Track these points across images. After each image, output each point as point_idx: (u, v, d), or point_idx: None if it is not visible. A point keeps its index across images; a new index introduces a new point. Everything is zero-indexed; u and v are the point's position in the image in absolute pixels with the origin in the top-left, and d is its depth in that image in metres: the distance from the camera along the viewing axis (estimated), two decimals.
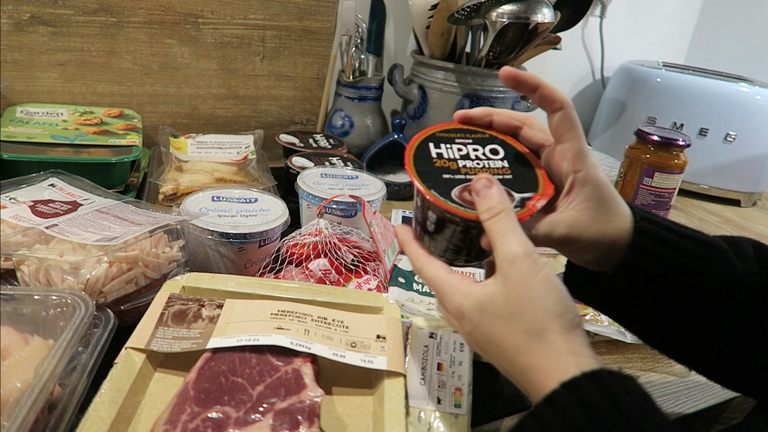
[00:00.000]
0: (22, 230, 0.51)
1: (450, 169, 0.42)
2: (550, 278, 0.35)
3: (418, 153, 0.44)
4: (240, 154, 0.82)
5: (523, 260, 0.34)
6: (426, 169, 0.42)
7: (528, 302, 0.34)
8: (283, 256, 0.62)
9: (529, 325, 0.33)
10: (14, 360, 0.38)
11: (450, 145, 0.44)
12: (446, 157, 0.43)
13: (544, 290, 0.34)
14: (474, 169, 0.42)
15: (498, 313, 0.35)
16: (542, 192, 0.41)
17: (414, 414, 0.43)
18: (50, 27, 0.81)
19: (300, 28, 0.97)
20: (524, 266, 0.34)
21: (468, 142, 0.45)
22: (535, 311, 0.33)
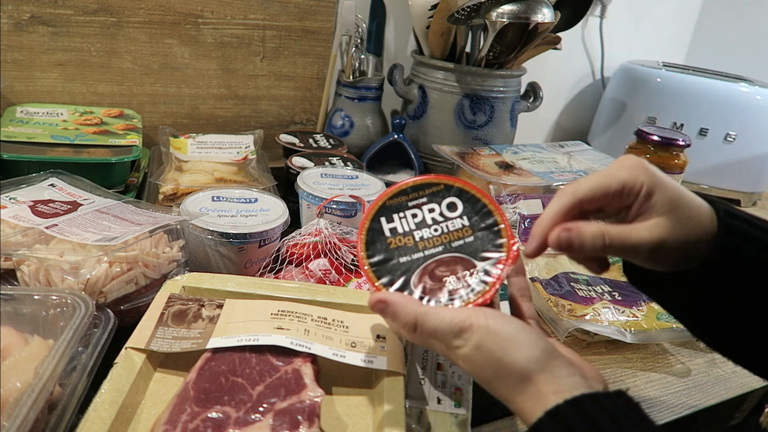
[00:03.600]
0: (22, 230, 0.51)
1: (407, 247, 0.40)
2: (501, 330, 0.35)
3: (371, 235, 0.41)
4: (240, 154, 0.82)
5: (470, 333, 0.36)
6: (383, 256, 0.40)
7: (497, 363, 0.35)
8: (283, 256, 0.62)
9: (507, 382, 0.35)
10: (14, 360, 0.38)
11: (404, 212, 0.41)
12: (401, 233, 0.41)
13: (503, 345, 0.35)
14: (432, 239, 0.40)
15: (478, 378, 0.37)
16: (507, 254, 0.39)
17: (414, 414, 0.43)
18: (50, 27, 0.82)
19: (300, 28, 0.97)
20: (474, 337, 0.35)
21: (422, 202, 0.42)
22: (507, 368, 0.35)
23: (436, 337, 0.37)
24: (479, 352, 0.35)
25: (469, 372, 0.37)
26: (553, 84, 1.38)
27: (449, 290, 0.39)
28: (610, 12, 1.37)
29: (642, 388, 0.58)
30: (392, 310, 0.38)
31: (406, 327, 0.37)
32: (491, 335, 0.35)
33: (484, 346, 0.35)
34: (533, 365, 0.34)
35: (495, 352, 0.35)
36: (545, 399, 0.33)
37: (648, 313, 0.64)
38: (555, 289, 0.66)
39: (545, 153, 1.01)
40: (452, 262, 0.40)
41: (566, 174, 0.90)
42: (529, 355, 0.34)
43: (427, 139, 1.01)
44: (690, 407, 0.57)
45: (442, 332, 0.36)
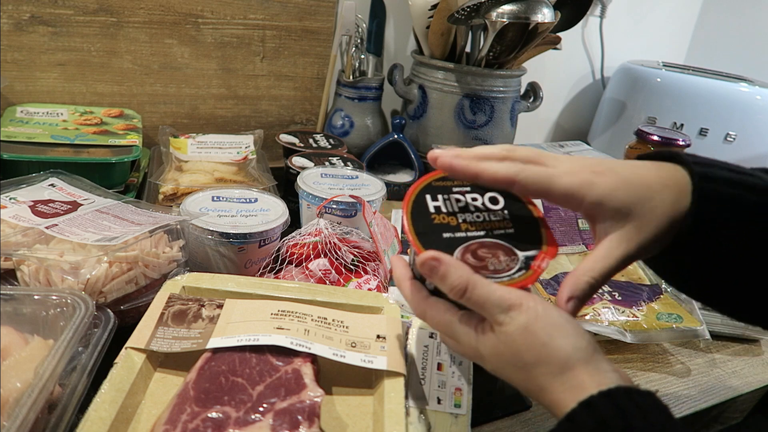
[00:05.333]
0: (22, 230, 0.51)
1: (450, 225, 0.40)
2: (549, 316, 0.35)
3: (416, 208, 0.41)
4: (240, 154, 0.82)
5: (518, 312, 0.35)
6: (425, 229, 0.40)
7: (541, 347, 0.34)
8: (283, 256, 0.62)
9: (548, 369, 0.34)
10: (14, 360, 0.38)
11: (447, 195, 0.42)
12: (444, 212, 0.41)
13: (550, 331, 0.35)
14: (475, 224, 0.40)
15: (512, 363, 0.36)
16: (546, 250, 0.40)
17: (414, 414, 0.43)
18: (50, 27, 0.81)
19: (300, 28, 0.97)
20: (521, 318, 0.35)
21: (466, 191, 0.42)
22: (551, 354, 0.34)
23: (483, 307, 0.36)
24: (524, 333, 0.35)
25: (498, 355, 0.36)
26: (553, 84, 1.38)
27: (491, 269, 0.38)
28: (610, 12, 1.37)
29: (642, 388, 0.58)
30: (444, 270, 0.36)
31: (455, 290, 0.36)
32: (540, 319, 0.35)
33: (530, 328, 0.35)
34: (578, 355, 0.34)
35: (541, 336, 0.34)
36: (585, 391, 0.33)
37: (648, 313, 0.64)
38: (555, 289, 0.66)
39: None
40: (494, 247, 0.40)
41: None
42: (575, 345, 0.34)
43: (427, 139, 1.01)
44: (690, 407, 0.57)
45: (491, 304, 0.36)
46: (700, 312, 0.64)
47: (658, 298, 0.66)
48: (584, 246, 0.75)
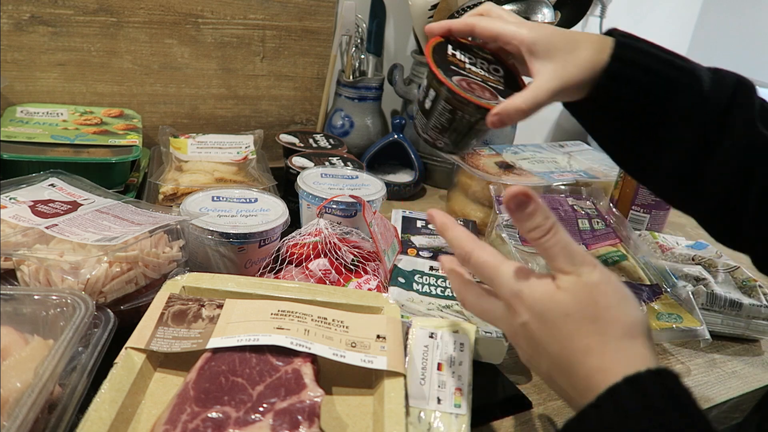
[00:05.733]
0: (22, 230, 0.51)
1: (458, 66, 0.52)
2: (622, 286, 0.36)
3: (437, 47, 0.53)
4: (240, 154, 0.82)
5: (592, 268, 0.35)
6: (440, 58, 0.52)
7: (607, 308, 0.34)
8: (283, 256, 0.62)
9: (606, 329, 0.34)
10: (14, 360, 0.38)
11: (463, 50, 0.55)
12: (458, 58, 0.54)
13: (620, 297, 0.35)
14: (476, 73, 0.53)
15: (566, 312, 0.35)
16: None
17: (414, 414, 0.43)
18: (50, 27, 0.81)
19: (300, 28, 0.97)
20: (595, 275, 0.35)
21: (480, 54, 0.56)
22: (617, 316, 0.34)
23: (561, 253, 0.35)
24: (593, 289, 0.34)
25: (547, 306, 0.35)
26: None
27: (476, 93, 0.50)
28: (610, 12, 1.37)
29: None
30: (533, 208, 0.35)
31: (539, 229, 0.35)
32: (612, 284, 0.35)
33: (601, 287, 0.35)
34: (643, 328, 0.34)
35: (610, 298, 0.34)
36: (644, 361, 0.33)
37: (648, 313, 0.64)
38: None
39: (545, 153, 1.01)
40: (484, 89, 0.52)
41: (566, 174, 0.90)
42: (642, 318, 0.35)
43: None
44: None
45: (569, 251, 0.35)
46: (700, 312, 0.64)
47: (658, 298, 0.66)
48: (584, 246, 0.75)
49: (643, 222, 0.89)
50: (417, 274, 0.63)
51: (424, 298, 0.60)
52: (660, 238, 0.82)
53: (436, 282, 0.63)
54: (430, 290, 0.61)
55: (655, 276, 0.71)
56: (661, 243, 0.81)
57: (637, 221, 0.89)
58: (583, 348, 0.34)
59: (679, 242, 0.82)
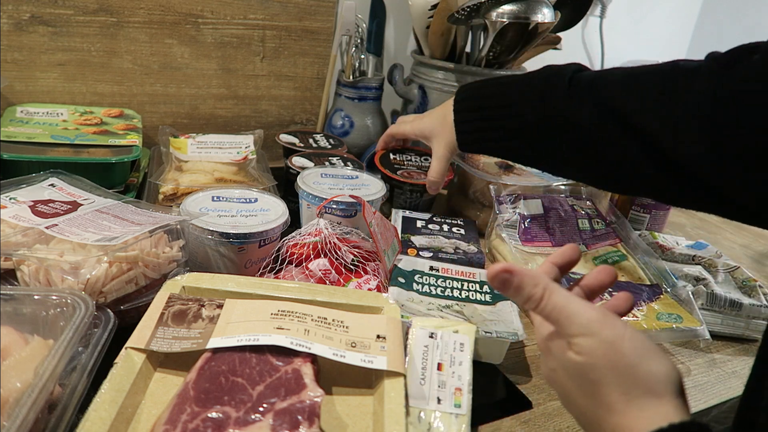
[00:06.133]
0: (22, 230, 0.51)
1: (400, 164, 0.85)
2: (639, 338, 0.34)
3: (383, 157, 0.85)
4: (240, 154, 0.82)
5: (603, 329, 0.33)
6: (386, 162, 0.84)
7: (627, 367, 0.33)
8: (283, 256, 0.62)
9: (628, 389, 0.32)
10: (14, 360, 0.38)
11: (401, 154, 0.87)
12: (398, 159, 0.86)
13: (640, 353, 0.33)
14: (412, 164, 0.85)
15: (585, 375, 0.34)
16: None
17: (414, 414, 0.43)
18: (50, 27, 0.81)
19: (300, 28, 0.97)
20: (606, 333, 0.33)
21: (412, 153, 0.89)
22: (639, 376, 0.32)
23: (561, 315, 0.34)
24: (609, 349, 0.33)
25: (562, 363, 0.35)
26: None
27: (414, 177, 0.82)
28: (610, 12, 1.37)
29: None
30: (518, 281, 0.35)
31: (532, 299, 0.35)
32: (628, 339, 0.33)
33: (617, 345, 0.33)
34: (670, 387, 0.32)
35: (629, 356, 0.33)
36: (667, 419, 0.31)
37: (648, 313, 0.64)
38: None
39: None
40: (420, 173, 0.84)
41: None
42: (668, 374, 0.32)
43: None
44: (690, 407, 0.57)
45: (569, 312, 0.34)
46: (700, 312, 0.64)
47: (658, 298, 0.66)
48: (584, 246, 0.75)
49: (643, 222, 0.89)
50: (417, 274, 0.63)
51: (424, 298, 0.60)
52: (660, 238, 0.82)
53: (436, 282, 0.63)
54: (430, 290, 0.61)
55: (655, 276, 0.71)
56: (661, 243, 0.81)
57: (637, 221, 0.89)
58: (606, 406, 0.33)
59: (679, 242, 0.82)
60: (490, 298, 0.61)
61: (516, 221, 0.75)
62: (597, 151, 0.55)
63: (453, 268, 0.66)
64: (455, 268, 0.66)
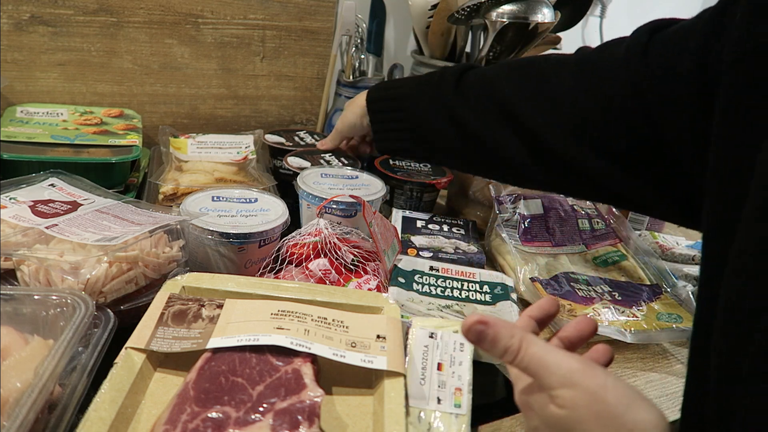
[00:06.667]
0: (22, 230, 0.51)
1: (400, 167, 0.85)
2: (623, 388, 0.32)
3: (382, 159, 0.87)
4: (240, 154, 0.82)
5: (583, 378, 0.32)
6: (385, 163, 0.85)
7: (612, 419, 0.31)
8: (283, 256, 0.62)
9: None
10: (14, 360, 0.38)
11: (400, 160, 0.88)
12: (397, 164, 0.87)
13: (625, 402, 0.32)
14: (410, 168, 0.86)
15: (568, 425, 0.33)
16: None
17: (414, 414, 0.43)
18: (50, 27, 0.81)
19: (300, 28, 0.97)
20: (588, 384, 0.32)
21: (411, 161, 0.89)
22: (625, 426, 0.31)
23: (539, 366, 0.34)
24: (592, 401, 0.32)
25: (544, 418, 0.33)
26: None
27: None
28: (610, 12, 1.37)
29: (642, 388, 0.58)
30: (493, 333, 0.35)
31: (509, 352, 0.34)
32: (611, 389, 0.32)
33: (599, 396, 0.32)
34: (658, 428, 0.31)
35: (613, 407, 0.31)
36: None
37: (648, 313, 0.64)
38: (555, 289, 0.66)
39: None
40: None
41: None
42: (656, 423, 0.31)
43: None
44: None
45: (547, 363, 0.33)
46: None
47: (658, 298, 0.66)
48: (584, 246, 0.75)
49: (643, 222, 0.89)
50: (417, 274, 0.63)
51: (424, 298, 0.60)
52: (660, 238, 0.82)
53: (436, 282, 0.63)
54: (430, 290, 0.61)
55: (655, 276, 0.71)
56: (661, 243, 0.81)
57: (637, 221, 0.89)
58: None
59: (679, 242, 0.82)
60: (490, 298, 0.61)
61: (516, 221, 0.75)
62: (481, 142, 0.59)
63: (453, 268, 0.66)
64: (455, 268, 0.66)
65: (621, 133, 0.48)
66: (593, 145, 0.50)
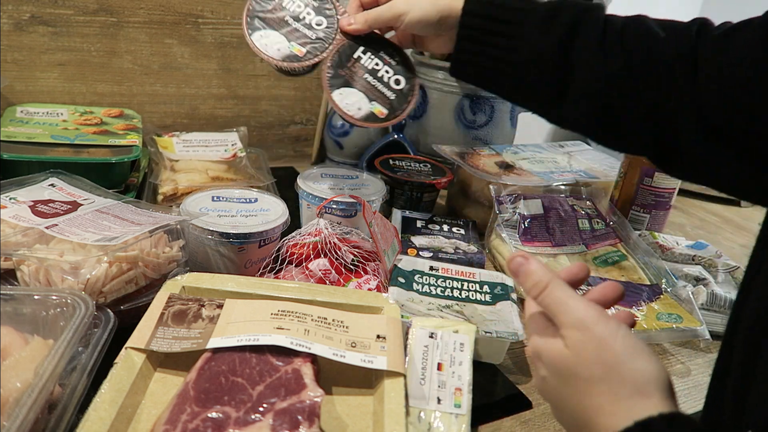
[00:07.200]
0: (22, 230, 0.51)
1: (400, 167, 0.72)
2: (632, 338, 0.33)
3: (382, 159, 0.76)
4: (228, 152, 0.82)
5: (596, 324, 0.34)
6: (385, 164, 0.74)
7: (616, 365, 0.32)
8: (283, 256, 0.62)
9: (617, 388, 0.32)
10: (14, 360, 0.38)
11: (400, 160, 0.73)
12: (397, 164, 0.75)
13: (630, 352, 0.33)
14: (410, 168, 0.76)
15: (574, 372, 0.34)
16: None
17: (414, 414, 0.43)
18: (50, 27, 0.82)
19: None
20: (599, 328, 0.33)
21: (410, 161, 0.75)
22: (627, 374, 0.32)
23: (558, 309, 0.35)
24: (599, 345, 0.33)
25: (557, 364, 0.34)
26: None
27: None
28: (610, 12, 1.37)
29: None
30: (528, 268, 0.37)
31: (536, 287, 0.36)
32: (620, 337, 0.33)
33: (607, 342, 0.33)
34: (659, 385, 0.32)
35: (619, 354, 0.32)
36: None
37: (648, 313, 0.64)
38: None
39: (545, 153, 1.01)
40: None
41: (566, 174, 0.90)
42: (657, 374, 0.32)
43: (427, 139, 1.01)
44: (690, 407, 0.57)
45: (567, 307, 0.35)
46: (700, 312, 0.64)
47: (658, 298, 0.66)
48: (584, 246, 0.75)
49: (643, 222, 0.89)
50: (417, 274, 0.63)
51: (424, 298, 0.60)
52: (660, 238, 0.82)
53: (436, 282, 0.63)
54: (430, 290, 0.61)
55: (655, 276, 0.71)
56: (661, 243, 0.81)
57: (637, 221, 0.89)
58: (595, 407, 0.33)
59: (679, 242, 0.82)
60: (490, 298, 0.61)
61: (516, 221, 0.75)
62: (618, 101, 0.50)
63: (453, 268, 0.66)
64: (455, 268, 0.66)
65: None
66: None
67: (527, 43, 0.52)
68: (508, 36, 0.52)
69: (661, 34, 0.51)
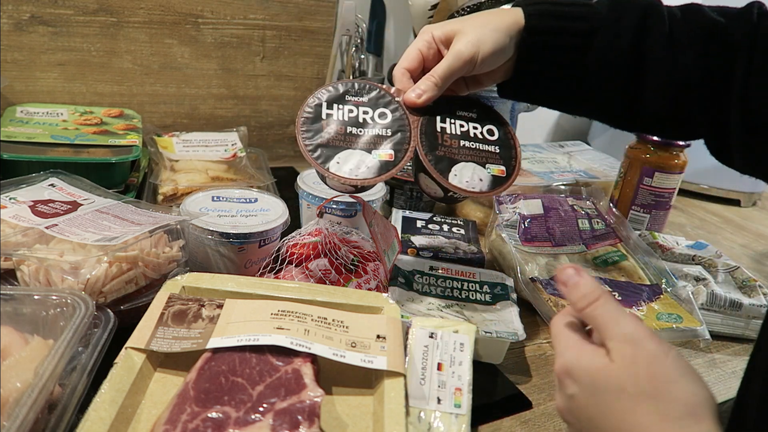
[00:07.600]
0: (22, 230, 0.51)
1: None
2: (682, 359, 0.33)
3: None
4: (228, 152, 0.82)
5: (648, 340, 0.33)
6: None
7: (667, 383, 0.31)
8: (283, 256, 0.62)
9: (665, 408, 0.31)
10: (14, 360, 0.38)
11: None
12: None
13: (681, 372, 0.32)
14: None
15: (620, 387, 0.32)
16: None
17: (414, 414, 0.43)
18: (50, 27, 0.82)
19: (300, 28, 0.97)
20: (651, 346, 0.33)
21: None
22: (678, 394, 0.31)
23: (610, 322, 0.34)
24: (650, 362, 0.32)
25: (598, 378, 0.33)
26: None
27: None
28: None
29: None
30: (575, 281, 0.36)
31: (587, 297, 0.35)
32: (670, 356, 0.32)
33: (660, 359, 0.32)
34: (710, 407, 0.31)
35: (670, 373, 0.32)
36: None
37: (648, 313, 0.64)
38: (555, 288, 0.66)
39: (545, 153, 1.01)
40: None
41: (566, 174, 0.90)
42: (707, 396, 0.31)
43: None
44: None
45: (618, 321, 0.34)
46: (700, 312, 0.64)
47: (658, 298, 0.66)
48: (584, 246, 0.75)
49: (643, 222, 0.89)
50: (417, 274, 0.63)
51: (424, 298, 0.60)
52: (660, 238, 0.82)
53: (436, 282, 0.63)
54: (430, 290, 0.61)
55: (655, 276, 0.71)
56: (661, 243, 0.81)
57: (637, 221, 0.89)
58: (640, 426, 0.31)
59: (679, 242, 0.82)
60: (490, 298, 0.61)
61: (516, 221, 0.75)
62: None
63: (453, 268, 0.66)
64: (455, 268, 0.66)
65: None
66: None
67: (597, 49, 0.50)
68: (578, 41, 0.50)
69: (721, 21, 0.50)
